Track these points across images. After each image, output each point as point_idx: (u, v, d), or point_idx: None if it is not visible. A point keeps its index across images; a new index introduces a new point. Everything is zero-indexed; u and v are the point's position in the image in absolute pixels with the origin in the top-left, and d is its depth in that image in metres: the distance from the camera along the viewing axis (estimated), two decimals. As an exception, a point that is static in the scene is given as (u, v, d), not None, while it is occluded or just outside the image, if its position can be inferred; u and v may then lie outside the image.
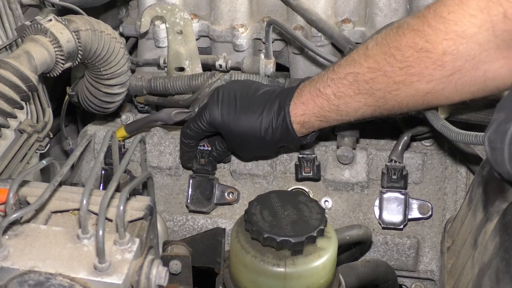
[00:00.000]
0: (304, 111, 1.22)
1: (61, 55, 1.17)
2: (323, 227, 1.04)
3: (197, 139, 1.37)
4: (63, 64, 1.18)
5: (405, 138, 1.38)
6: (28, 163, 1.31)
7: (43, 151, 1.35)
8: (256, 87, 1.32)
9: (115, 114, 1.56)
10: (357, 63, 1.14)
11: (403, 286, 1.46)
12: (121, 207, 0.82)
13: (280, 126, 1.25)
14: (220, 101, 1.29)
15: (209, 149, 1.42)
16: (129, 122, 1.52)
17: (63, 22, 1.19)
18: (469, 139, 1.05)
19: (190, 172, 1.45)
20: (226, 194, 1.44)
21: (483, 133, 1.04)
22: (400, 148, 1.38)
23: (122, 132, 1.47)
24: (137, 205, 0.92)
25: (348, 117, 1.20)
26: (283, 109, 1.24)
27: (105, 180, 1.44)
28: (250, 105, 1.28)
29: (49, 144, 1.36)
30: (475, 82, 1.04)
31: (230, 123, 1.28)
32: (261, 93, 1.29)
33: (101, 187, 1.44)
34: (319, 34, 1.48)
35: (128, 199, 0.91)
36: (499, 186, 0.94)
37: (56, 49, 1.16)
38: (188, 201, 1.44)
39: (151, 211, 0.92)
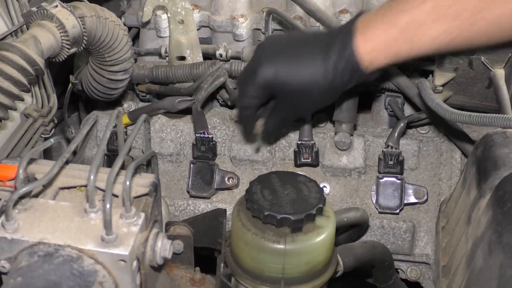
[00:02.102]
0: (373, 47, 1.08)
1: (66, 40, 1.20)
2: (321, 206, 1.07)
3: (256, 107, 1.23)
4: (68, 49, 1.21)
5: (402, 124, 1.41)
6: (33, 147, 1.34)
7: (48, 136, 1.38)
8: (300, 34, 1.19)
9: (117, 103, 1.58)
10: None
11: (399, 270, 1.49)
12: (127, 182, 0.84)
13: (347, 67, 1.10)
14: (271, 56, 1.14)
15: (210, 136, 1.45)
16: (131, 110, 1.54)
17: (69, 9, 1.22)
18: (462, 119, 1.07)
19: (191, 158, 1.48)
20: (226, 179, 1.46)
21: (476, 113, 1.07)
22: (396, 134, 1.40)
23: (125, 119, 1.49)
24: (142, 182, 0.94)
25: (421, 50, 1.08)
26: (347, 48, 1.09)
27: (108, 165, 1.47)
28: (307, 51, 1.13)
29: (53, 129, 1.39)
30: None
31: (288, 77, 1.13)
32: (312, 37, 1.17)
33: (104, 172, 1.46)
34: (318, 24, 1.50)
35: (133, 176, 0.93)
36: (492, 165, 0.97)
37: (62, 34, 1.19)
38: (189, 186, 1.46)
39: (155, 188, 0.95)
